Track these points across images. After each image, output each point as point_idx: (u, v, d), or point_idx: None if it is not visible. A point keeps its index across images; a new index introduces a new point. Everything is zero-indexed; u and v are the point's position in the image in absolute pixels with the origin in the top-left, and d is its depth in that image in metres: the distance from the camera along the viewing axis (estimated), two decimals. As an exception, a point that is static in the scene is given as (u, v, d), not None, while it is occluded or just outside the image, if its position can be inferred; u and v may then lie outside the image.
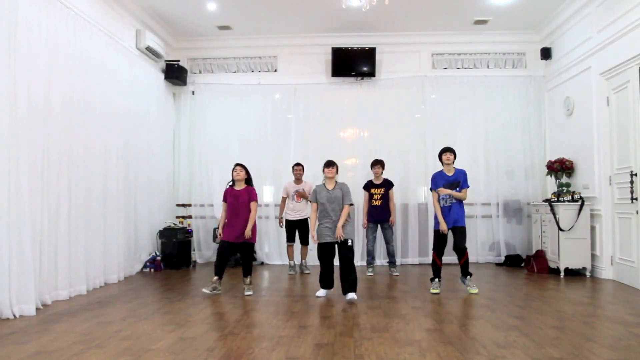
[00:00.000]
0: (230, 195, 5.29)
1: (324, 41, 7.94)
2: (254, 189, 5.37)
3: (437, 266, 5.33)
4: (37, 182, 4.59)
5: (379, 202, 6.57)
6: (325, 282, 5.11)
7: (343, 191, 5.10)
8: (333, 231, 4.97)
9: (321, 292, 5.10)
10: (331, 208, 5.03)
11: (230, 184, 5.39)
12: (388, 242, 6.64)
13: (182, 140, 8.17)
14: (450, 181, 5.31)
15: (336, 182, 5.20)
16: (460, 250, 5.25)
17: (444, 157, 5.39)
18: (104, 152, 5.87)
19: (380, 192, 6.60)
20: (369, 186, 6.70)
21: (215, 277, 5.21)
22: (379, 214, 6.58)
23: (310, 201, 5.37)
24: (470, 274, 5.32)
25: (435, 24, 7.59)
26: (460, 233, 5.25)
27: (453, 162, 5.39)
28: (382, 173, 6.67)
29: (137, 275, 6.67)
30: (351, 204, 5.09)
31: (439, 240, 5.32)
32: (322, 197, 5.08)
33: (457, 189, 5.29)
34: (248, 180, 5.37)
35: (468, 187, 5.39)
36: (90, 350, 3.28)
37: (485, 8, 6.96)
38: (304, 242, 6.83)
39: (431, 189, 5.50)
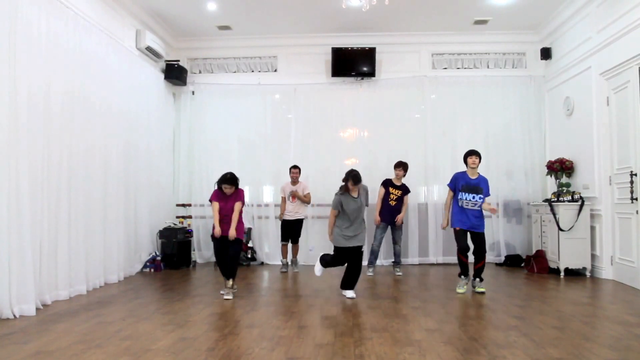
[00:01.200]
0: (219, 199, 5.13)
1: (324, 41, 7.94)
2: (242, 190, 5.24)
3: (463, 263, 5.29)
4: (37, 182, 4.58)
5: (394, 203, 6.53)
6: (347, 284, 5.08)
7: (365, 193, 5.07)
8: (352, 239, 4.96)
9: (349, 293, 5.02)
10: (355, 217, 4.96)
11: (216, 188, 5.18)
12: (396, 242, 6.62)
13: (182, 140, 8.17)
14: (472, 184, 5.24)
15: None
16: (480, 255, 5.22)
17: (469, 160, 5.33)
18: (104, 152, 5.87)
19: (398, 193, 6.55)
20: (387, 184, 6.61)
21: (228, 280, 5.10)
22: (393, 215, 6.52)
23: (332, 208, 5.06)
24: (482, 279, 5.30)
25: (435, 24, 7.59)
26: (480, 240, 5.22)
27: (478, 165, 5.33)
28: (403, 176, 6.64)
29: (137, 275, 6.67)
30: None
31: (460, 237, 5.24)
32: (349, 208, 4.93)
33: (480, 195, 5.20)
34: (236, 187, 5.18)
35: (489, 195, 5.37)
36: (90, 350, 3.28)
37: (485, 8, 6.96)
38: (295, 240, 6.94)
39: (448, 186, 5.44)
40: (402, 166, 6.60)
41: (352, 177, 4.89)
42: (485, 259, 5.27)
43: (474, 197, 5.19)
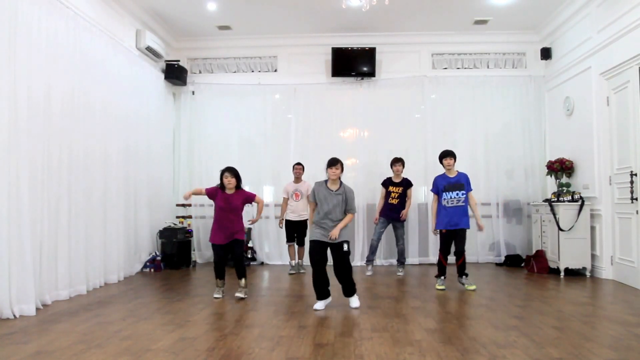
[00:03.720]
0: (220, 199, 5.03)
1: (324, 41, 7.94)
2: (246, 190, 5.28)
3: (442, 266, 5.46)
4: (37, 182, 4.58)
5: (396, 201, 6.47)
6: (319, 290, 4.49)
7: (348, 197, 4.47)
8: (326, 232, 4.44)
9: (318, 305, 4.47)
10: (329, 210, 4.44)
11: (219, 186, 5.13)
12: (398, 240, 6.58)
13: (182, 140, 8.16)
14: (453, 183, 5.38)
15: (341, 183, 4.56)
16: (459, 252, 5.39)
17: (444, 162, 5.47)
18: (104, 152, 5.87)
19: (398, 190, 6.51)
20: (387, 183, 6.59)
21: (220, 281, 5.13)
22: (394, 212, 6.46)
23: (309, 201, 4.95)
24: (467, 275, 5.44)
25: (435, 24, 7.59)
26: (461, 236, 5.38)
27: (453, 165, 5.47)
28: (402, 171, 6.61)
29: (137, 275, 6.67)
30: (354, 213, 4.58)
31: (444, 241, 5.43)
32: (320, 196, 4.49)
33: (462, 192, 5.33)
34: (238, 185, 5.14)
35: (471, 190, 5.48)
36: (90, 350, 3.28)
37: (485, 8, 6.96)
38: (301, 242, 6.81)
39: (432, 191, 5.61)
40: (399, 162, 6.56)
41: (328, 161, 4.51)
42: (464, 255, 5.40)
43: (457, 194, 5.33)
